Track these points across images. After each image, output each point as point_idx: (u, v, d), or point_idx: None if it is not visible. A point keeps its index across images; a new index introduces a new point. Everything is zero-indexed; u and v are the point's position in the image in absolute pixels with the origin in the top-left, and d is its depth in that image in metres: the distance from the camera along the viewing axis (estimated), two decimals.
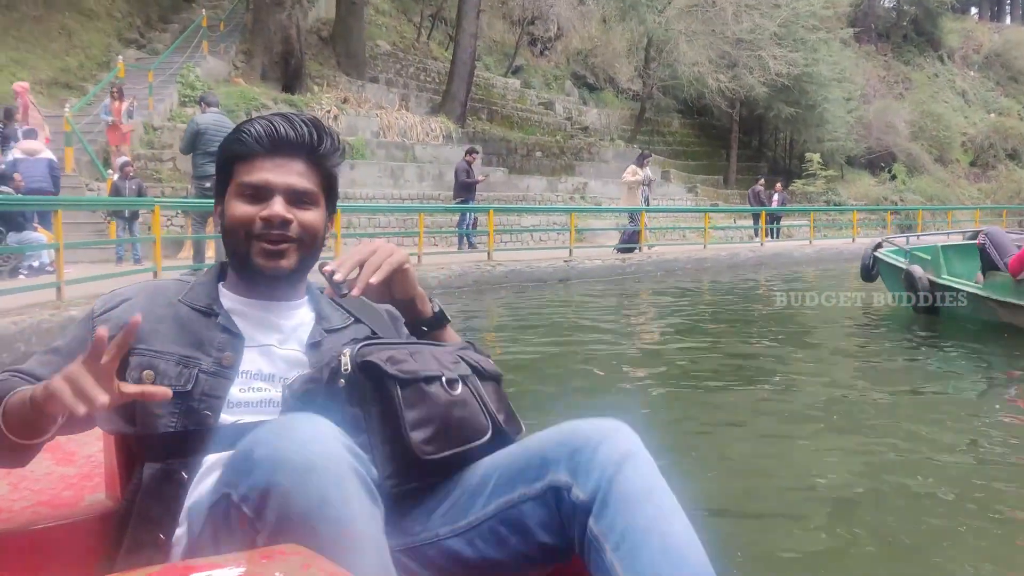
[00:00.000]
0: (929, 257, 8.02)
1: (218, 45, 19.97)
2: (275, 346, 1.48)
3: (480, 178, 16.12)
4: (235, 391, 1.41)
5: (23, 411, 1.26)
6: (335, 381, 1.31)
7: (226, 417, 1.39)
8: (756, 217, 20.19)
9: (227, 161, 1.50)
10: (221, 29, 20.90)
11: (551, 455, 1.26)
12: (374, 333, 1.56)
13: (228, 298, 1.51)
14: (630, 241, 14.60)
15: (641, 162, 16.33)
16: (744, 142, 35.58)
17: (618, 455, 1.22)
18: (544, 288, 11.37)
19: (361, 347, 1.33)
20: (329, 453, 1.08)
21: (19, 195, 10.11)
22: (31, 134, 11.40)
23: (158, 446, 1.37)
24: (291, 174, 1.46)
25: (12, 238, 9.87)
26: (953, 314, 7.49)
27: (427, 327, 1.56)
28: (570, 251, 13.49)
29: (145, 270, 9.64)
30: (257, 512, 1.07)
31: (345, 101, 20.37)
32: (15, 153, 10.94)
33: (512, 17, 31.45)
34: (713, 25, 27.80)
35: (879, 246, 8.90)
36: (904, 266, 8.10)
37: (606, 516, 1.19)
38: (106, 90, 14.72)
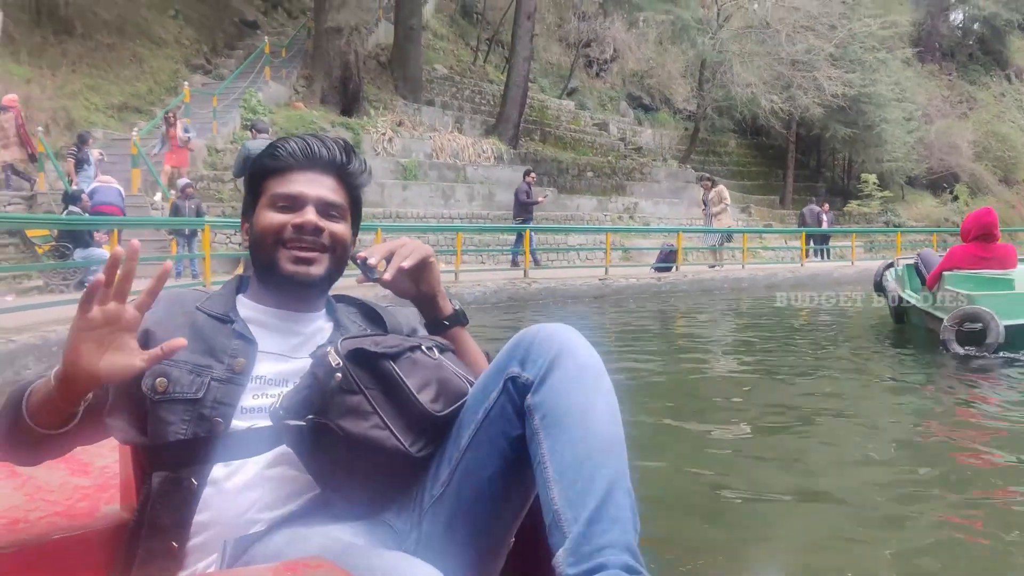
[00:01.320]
0: (903, 275, 9.10)
1: (280, 70, 20.81)
2: (288, 355, 1.51)
3: (540, 199, 16.72)
4: (247, 397, 1.43)
5: (47, 397, 1.28)
6: (330, 379, 1.32)
7: (238, 423, 1.41)
8: (808, 238, 20.37)
9: (259, 176, 1.55)
10: (283, 55, 21.77)
11: (505, 359, 1.38)
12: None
13: (246, 307, 1.54)
14: (667, 260, 14.89)
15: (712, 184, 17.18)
16: (802, 162, 35.46)
17: (560, 343, 1.35)
18: (578, 304, 11.72)
19: (343, 340, 1.37)
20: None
21: (87, 215, 10.89)
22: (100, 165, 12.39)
23: (169, 454, 1.38)
24: (323, 188, 1.53)
25: (79, 254, 10.60)
26: (912, 323, 8.71)
27: (448, 323, 1.62)
28: (606, 269, 13.83)
29: (200, 283, 10.27)
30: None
31: (400, 124, 21.03)
32: (94, 183, 11.90)
33: (568, 40, 31.94)
34: (768, 47, 27.90)
35: (891, 265, 9.73)
36: (890, 282, 9.24)
37: (540, 392, 1.31)
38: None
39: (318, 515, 1.37)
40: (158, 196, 14.17)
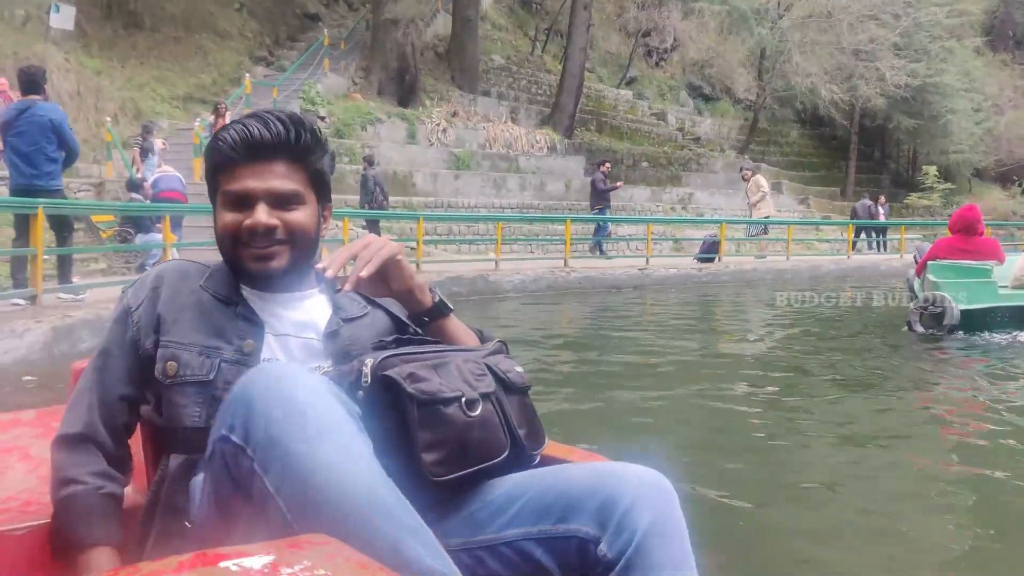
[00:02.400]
0: None
1: (339, 62, 21.33)
2: (292, 335, 1.49)
3: (618, 184, 17.12)
4: None
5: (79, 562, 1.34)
6: (355, 390, 1.29)
7: None
8: (859, 230, 20.22)
9: (212, 170, 1.49)
10: (342, 47, 22.29)
11: (580, 500, 1.24)
12: (392, 319, 1.59)
13: (244, 290, 1.52)
14: (710, 251, 15.00)
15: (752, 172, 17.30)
16: (865, 153, 34.90)
17: (651, 517, 1.20)
18: (617, 295, 11.94)
19: (384, 359, 1.31)
20: (311, 385, 1.12)
21: (148, 202, 11.47)
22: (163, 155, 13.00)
23: (185, 439, 1.39)
24: (272, 178, 1.44)
25: (140, 238, 11.18)
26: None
27: (428, 317, 1.55)
28: (647, 259, 14.00)
29: None
30: (245, 438, 1.11)
31: (455, 114, 21.41)
32: (156, 172, 12.49)
33: (627, 29, 31.95)
34: (829, 36, 27.56)
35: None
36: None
37: None
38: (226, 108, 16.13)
39: None
40: None
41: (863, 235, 21.32)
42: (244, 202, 1.45)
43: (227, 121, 15.18)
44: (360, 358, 1.33)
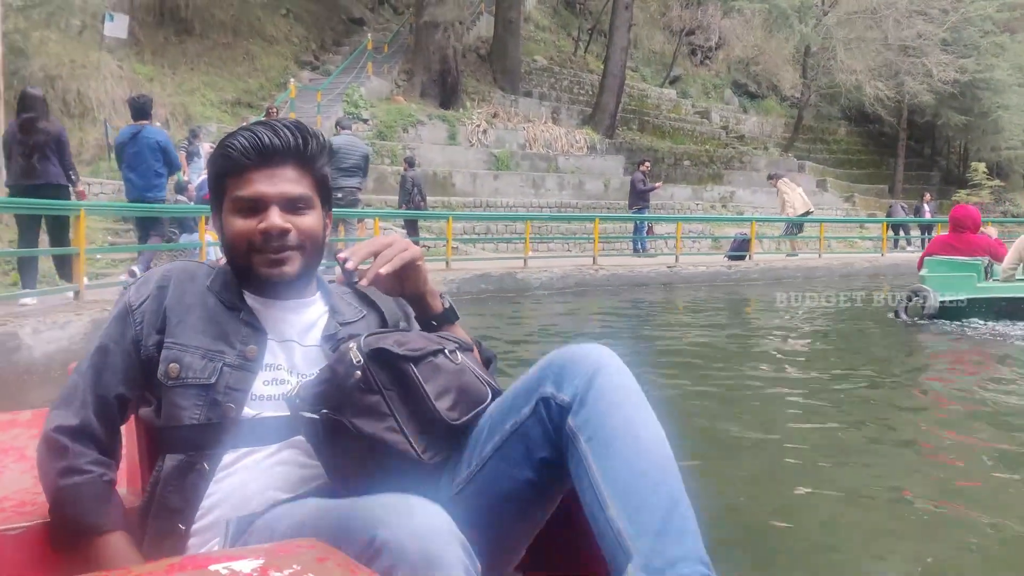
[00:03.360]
0: None
1: (382, 66, 21.80)
2: (294, 341, 1.52)
3: (657, 185, 17.37)
4: (258, 384, 1.45)
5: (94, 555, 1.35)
6: (350, 375, 1.33)
7: (248, 410, 1.42)
8: (898, 228, 20.16)
9: (219, 176, 1.51)
10: (385, 51, 22.76)
11: (537, 378, 1.36)
12: (385, 322, 1.62)
13: (247, 296, 1.53)
14: (740, 249, 15.10)
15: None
16: (915, 150, 34.48)
17: (596, 363, 1.33)
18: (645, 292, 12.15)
19: (366, 338, 1.37)
20: (446, 554, 1.08)
21: (191, 204, 12.02)
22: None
23: (181, 438, 1.40)
24: (283, 182, 1.48)
25: (184, 238, 11.71)
26: None
27: (436, 322, 1.60)
28: (676, 257, 14.17)
29: None
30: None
31: (495, 116, 21.76)
32: (202, 175, 13.00)
33: (671, 28, 31.98)
34: (875, 32, 27.33)
35: None
36: None
37: (582, 413, 1.29)
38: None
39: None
40: None
41: (901, 232, 21.25)
42: (256, 207, 1.47)
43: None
44: (344, 345, 1.38)
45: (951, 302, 8.47)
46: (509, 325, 8.76)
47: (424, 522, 1.10)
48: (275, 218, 1.45)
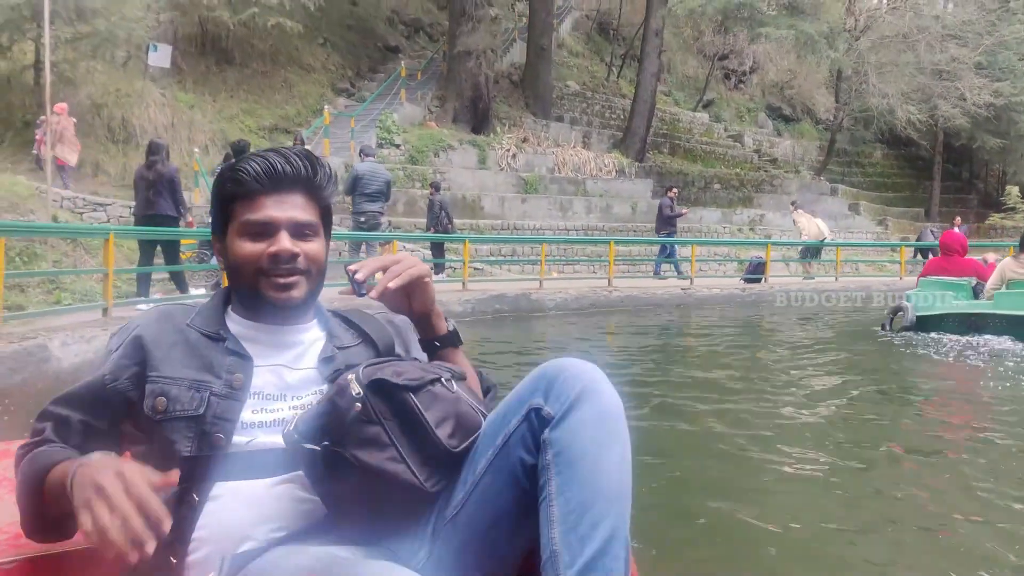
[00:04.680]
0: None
1: (415, 92, 22.41)
2: (286, 365, 1.51)
3: (684, 211, 17.73)
4: (247, 413, 1.43)
5: (61, 497, 1.25)
6: (350, 408, 1.34)
7: (239, 439, 1.41)
8: (927, 252, 20.17)
9: (227, 200, 1.52)
10: (418, 78, 23.39)
11: (529, 389, 1.37)
12: (379, 353, 1.61)
13: (235, 322, 1.53)
14: (755, 272, 15.33)
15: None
16: (953, 173, 34.36)
17: (584, 383, 1.34)
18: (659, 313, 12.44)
19: (364, 368, 1.38)
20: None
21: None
22: None
23: (175, 468, 1.35)
24: (292, 208, 1.50)
25: (216, 260, 12.30)
26: None
27: (440, 343, 1.61)
28: (691, 280, 14.44)
29: None
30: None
31: (524, 140, 22.24)
32: None
33: (705, 52, 32.30)
34: (908, 57, 27.40)
35: None
36: None
37: (558, 428, 1.31)
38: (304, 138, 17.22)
39: (319, 536, 1.38)
40: None
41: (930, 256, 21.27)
42: (266, 231, 1.48)
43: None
44: (342, 377, 1.38)
45: (926, 316, 9.46)
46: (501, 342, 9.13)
47: None
48: (285, 242, 1.47)
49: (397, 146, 19.57)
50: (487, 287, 12.28)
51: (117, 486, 1.14)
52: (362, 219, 11.75)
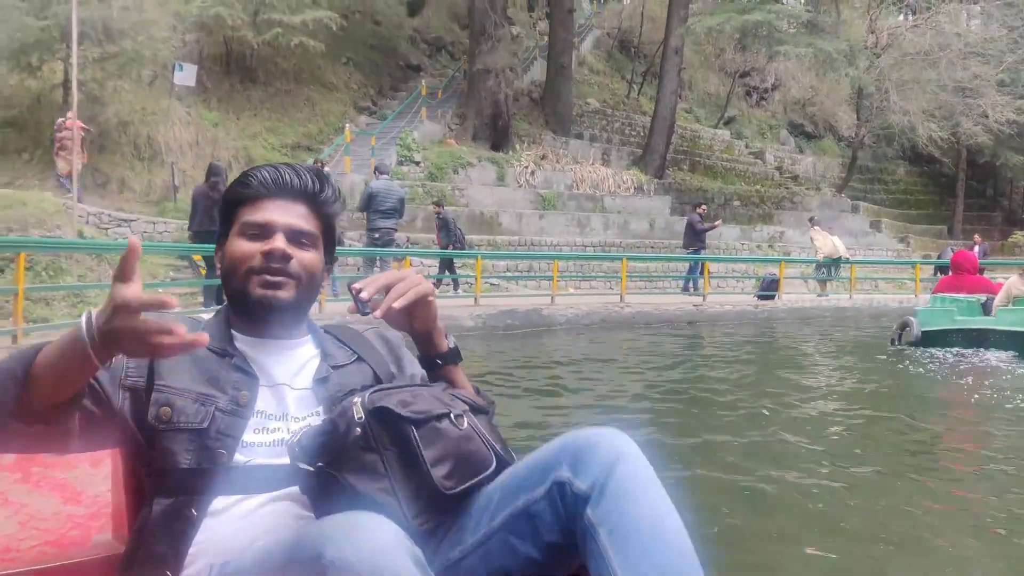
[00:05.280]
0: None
1: (436, 110, 22.73)
2: (286, 384, 1.51)
3: (717, 223, 17.97)
4: (249, 432, 1.43)
5: (69, 353, 1.20)
6: (350, 432, 1.33)
7: (240, 457, 1.40)
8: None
9: (232, 204, 1.54)
10: (439, 96, 23.72)
11: (553, 459, 1.34)
12: (374, 372, 1.60)
13: (239, 339, 1.53)
14: (769, 289, 15.40)
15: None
16: (977, 191, 34.16)
17: (615, 453, 1.30)
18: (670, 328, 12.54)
19: (371, 394, 1.37)
20: (396, 567, 1.08)
21: None
22: None
23: (171, 482, 1.37)
24: (293, 215, 1.52)
25: None
26: None
27: (441, 360, 1.60)
28: (704, 296, 14.54)
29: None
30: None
31: (543, 157, 22.47)
32: None
33: (726, 70, 32.41)
34: (929, 74, 27.34)
35: None
36: None
37: (602, 505, 1.26)
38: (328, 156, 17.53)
39: None
40: None
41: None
42: (263, 232, 1.50)
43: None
44: (347, 400, 1.38)
45: (930, 332, 9.94)
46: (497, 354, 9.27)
47: (372, 536, 1.10)
48: (279, 242, 1.48)
49: (417, 163, 19.84)
50: (498, 302, 12.46)
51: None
52: (376, 235, 12.01)
